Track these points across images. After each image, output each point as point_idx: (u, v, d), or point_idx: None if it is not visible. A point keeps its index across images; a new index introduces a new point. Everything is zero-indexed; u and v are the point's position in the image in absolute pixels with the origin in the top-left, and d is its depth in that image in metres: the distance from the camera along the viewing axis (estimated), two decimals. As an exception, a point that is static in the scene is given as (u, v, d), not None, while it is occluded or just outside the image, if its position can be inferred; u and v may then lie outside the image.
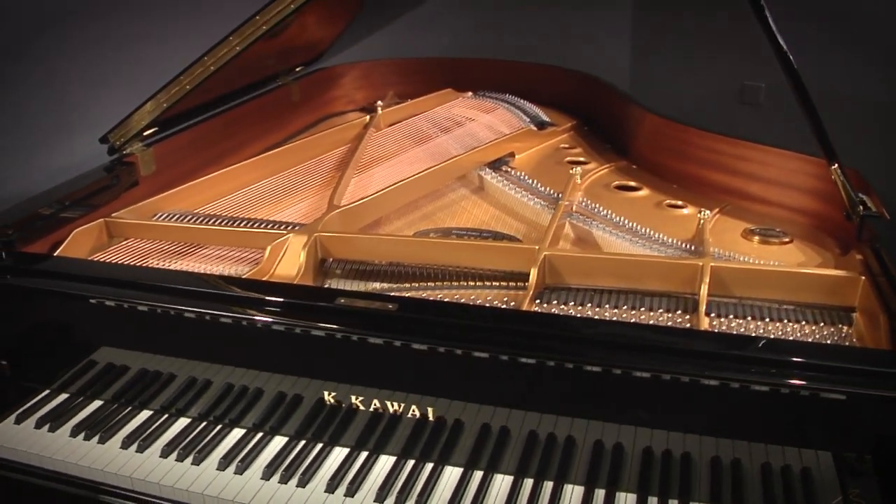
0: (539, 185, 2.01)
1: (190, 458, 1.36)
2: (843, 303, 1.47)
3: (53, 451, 1.39)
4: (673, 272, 1.51)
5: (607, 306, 1.46)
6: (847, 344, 1.34)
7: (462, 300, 1.49)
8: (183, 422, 1.46)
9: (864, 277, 1.44)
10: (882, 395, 1.12)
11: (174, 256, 1.69)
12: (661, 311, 1.45)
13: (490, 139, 2.25)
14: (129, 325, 1.46)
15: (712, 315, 1.42)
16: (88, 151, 1.96)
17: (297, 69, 2.58)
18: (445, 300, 1.47)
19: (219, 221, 1.77)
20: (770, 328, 1.39)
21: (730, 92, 3.59)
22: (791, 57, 1.54)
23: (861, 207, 1.59)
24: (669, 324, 1.40)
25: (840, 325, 1.41)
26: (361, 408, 1.35)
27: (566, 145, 2.37)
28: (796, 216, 1.85)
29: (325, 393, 1.36)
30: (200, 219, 1.79)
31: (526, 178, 2.06)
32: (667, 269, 1.51)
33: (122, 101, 1.88)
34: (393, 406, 1.33)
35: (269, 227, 1.72)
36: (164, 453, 1.38)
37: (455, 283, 1.58)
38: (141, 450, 1.39)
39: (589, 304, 1.47)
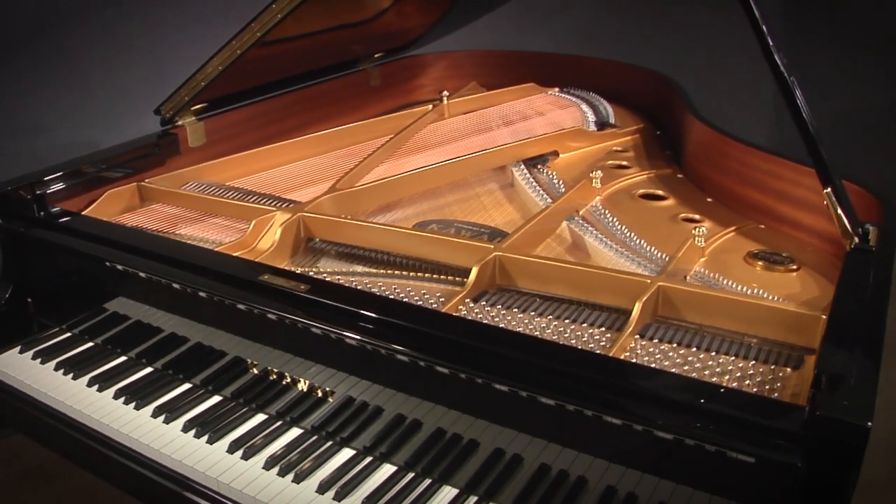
0: (562, 187, 1.96)
1: (133, 404, 1.51)
2: (806, 343, 1.33)
3: (34, 381, 1.59)
4: (622, 287, 1.43)
5: (533, 314, 1.42)
6: (769, 387, 1.22)
7: (394, 291, 1.51)
8: (144, 371, 1.61)
9: (824, 317, 1.29)
10: (759, 455, 1.01)
11: (189, 222, 1.85)
12: (586, 325, 1.39)
13: (538, 135, 2.22)
14: (129, 282, 1.62)
15: (637, 337, 1.34)
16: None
17: (377, 55, 2.68)
18: (357, 287, 1.49)
19: (232, 195, 1.91)
20: (692, 358, 1.28)
21: (881, 108, 3.27)
22: (783, 69, 1.41)
23: (857, 239, 1.42)
24: (586, 338, 1.34)
25: (783, 367, 1.27)
26: (276, 379, 1.43)
27: (619, 148, 2.28)
28: (820, 243, 1.67)
29: (249, 360, 1.45)
30: (221, 191, 1.94)
31: (554, 178, 2.02)
32: (616, 284, 1.44)
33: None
34: (300, 381, 1.40)
35: (267, 203, 1.84)
36: (116, 396, 1.54)
37: (416, 274, 1.60)
38: (101, 390, 1.56)
39: (516, 310, 1.43)
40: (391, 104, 2.73)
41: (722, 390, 1.08)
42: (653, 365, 1.26)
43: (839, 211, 1.42)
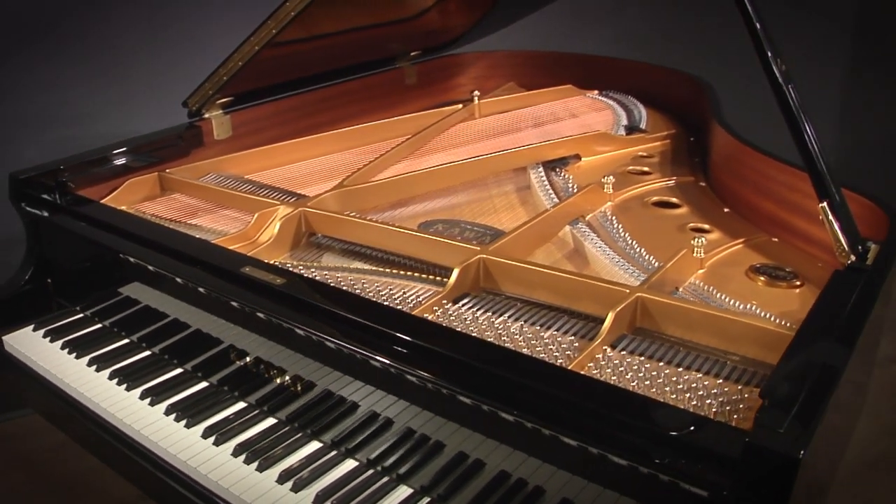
0: (575, 191, 1.93)
1: (125, 385, 1.57)
2: (784, 363, 1.26)
3: (41, 358, 1.68)
4: (602, 296, 1.40)
5: (507, 318, 1.40)
6: (730, 408, 1.16)
7: (376, 288, 1.51)
8: (142, 354, 1.67)
9: (800, 336, 1.23)
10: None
11: (203, 213, 1.90)
12: (559, 332, 1.36)
13: (558, 138, 2.18)
14: (133, 268, 1.67)
15: (606, 348, 1.30)
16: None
17: (413, 53, 2.68)
18: (330, 285, 1.49)
19: (246, 188, 1.95)
20: (656, 373, 1.24)
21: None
22: (779, 75, 1.35)
23: (853, 257, 1.35)
24: (553, 346, 1.31)
25: (754, 388, 1.22)
26: (259, 368, 1.46)
27: (645, 154, 2.22)
28: (831, 258, 1.58)
29: (239, 349, 1.49)
30: (238, 183, 1.99)
31: (569, 182, 1.99)
32: (596, 293, 1.41)
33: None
34: (282, 372, 1.43)
35: (278, 197, 1.87)
36: (111, 376, 1.60)
37: (407, 273, 1.60)
38: (98, 370, 1.63)
39: (491, 314, 1.42)
40: (427, 103, 2.73)
41: (659, 408, 1.04)
42: (613, 378, 1.22)
43: (835, 226, 1.35)
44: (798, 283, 1.52)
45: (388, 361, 1.23)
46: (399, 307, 1.43)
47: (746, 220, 1.80)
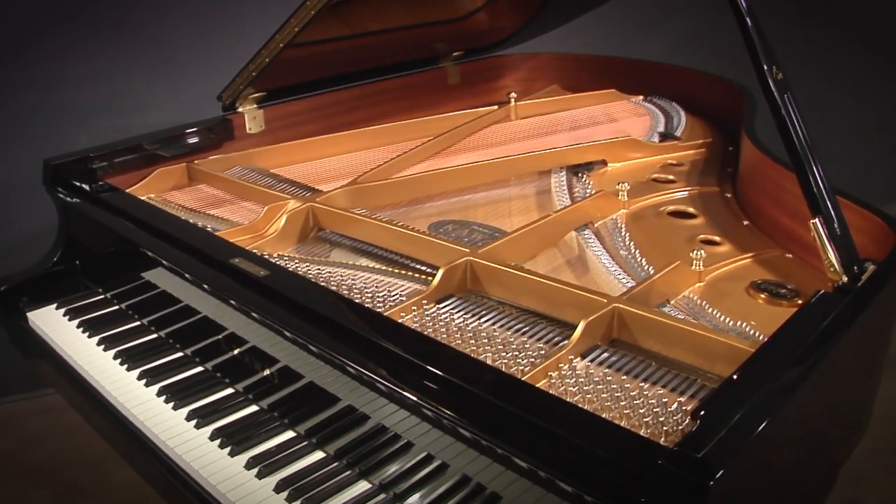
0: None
1: (126, 366, 1.64)
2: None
3: (56, 335, 1.76)
4: (582, 305, 1.37)
5: (484, 322, 1.39)
6: (683, 428, 1.12)
7: (362, 284, 1.53)
8: (148, 337, 1.74)
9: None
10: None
11: (224, 204, 1.96)
12: (533, 339, 1.34)
13: (583, 143, 2.15)
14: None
15: (572, 357, 1.27)
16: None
17: (455, 53, 2.69)
18: (314, 280, 1.51)
19: (266, 181, 2.01)
20: (616, 386, 1.20)
21: None
22: (774, 86, 1.29)
23: (845, 278, 1.28)
24: (519, 352, 1.29)
25: (719, 406, 1.17)
26: (238, 358, 1.50)
27: (674, 162, 2.16)
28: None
29: (231, 338, 1.53)
30: (260, 177, 2.05)
31: (588, 188, 1.95)
32: (577, 301, 1.38)
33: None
34: (266, 363, 1.46)
35: (295, 191, 1.91)
36: (116, 357, 1.67)
37: (402, 272, 1.61)
38: (105, 350, 1.70)
39: (469, 317, 1.41)
40: (468, 103, 2.71)
41: (588, 421, 1.02)
42: (572, 389, 1.20)
43: (826, 244, 1.28)
44: (800, 301, 1.45)
45: (345, 358, 1.25)
46: (380, 305, 1.44)
47: (764, 233, 1.73)
